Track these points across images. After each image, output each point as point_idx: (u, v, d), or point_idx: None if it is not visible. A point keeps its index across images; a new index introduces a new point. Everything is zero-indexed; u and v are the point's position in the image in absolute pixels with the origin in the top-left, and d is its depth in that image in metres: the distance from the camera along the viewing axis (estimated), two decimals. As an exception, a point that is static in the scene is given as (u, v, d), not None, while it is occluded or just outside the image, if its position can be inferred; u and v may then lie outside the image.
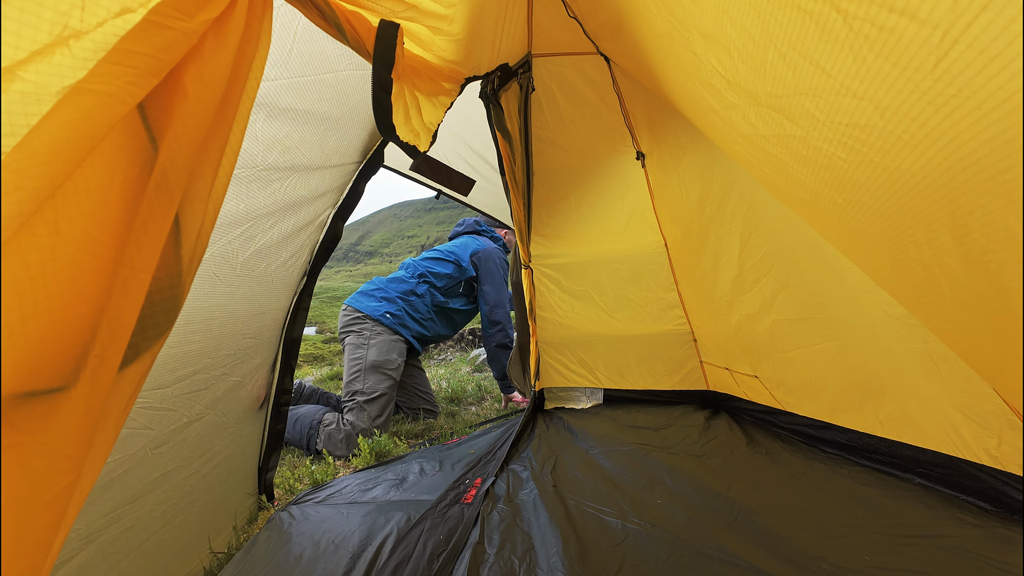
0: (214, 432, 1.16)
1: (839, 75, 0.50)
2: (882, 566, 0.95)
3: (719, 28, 0.66)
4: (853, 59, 0.47)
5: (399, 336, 2.27)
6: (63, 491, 0.38)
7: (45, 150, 0.33)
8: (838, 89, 0.51)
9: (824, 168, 0.63)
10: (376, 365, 2.14)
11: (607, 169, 1.90)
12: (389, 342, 2.22)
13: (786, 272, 1.37)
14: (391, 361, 2.18)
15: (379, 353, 2.17)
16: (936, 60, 0.40)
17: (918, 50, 0.41)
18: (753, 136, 0.76)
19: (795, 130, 0.63)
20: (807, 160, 0.65)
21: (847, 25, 0.45)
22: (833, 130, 0.56)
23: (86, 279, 0.38)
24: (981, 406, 1.02)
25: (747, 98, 0.70)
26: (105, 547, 0.87)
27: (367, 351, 2.16)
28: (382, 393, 2.09)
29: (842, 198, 0.64)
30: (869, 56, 0.45)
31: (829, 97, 0.53)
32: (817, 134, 0.59)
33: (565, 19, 1.46)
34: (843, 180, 0.61)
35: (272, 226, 1.12)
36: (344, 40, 0.67)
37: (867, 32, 0.44)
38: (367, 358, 2.15)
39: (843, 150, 0.57)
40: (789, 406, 1.59)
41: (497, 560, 1.06)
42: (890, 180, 0.53)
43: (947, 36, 0.38)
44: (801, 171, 0.69)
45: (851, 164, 0.57)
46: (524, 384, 2.58)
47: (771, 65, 0.59)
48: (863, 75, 0.47)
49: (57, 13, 0.34)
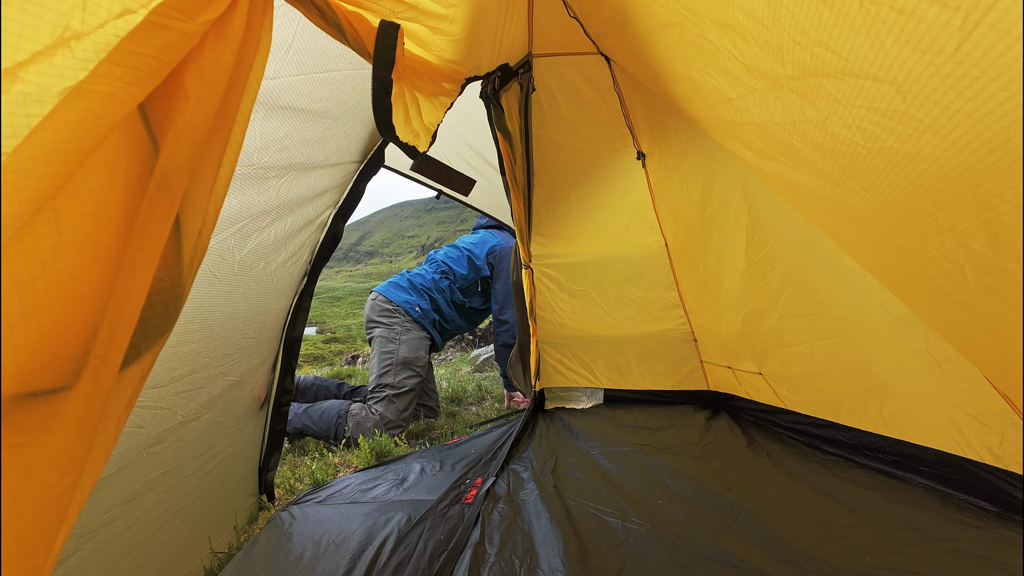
0: (213, 432, 1.16)
1: (856, 60, 0.50)
2: (883, 567, 0.95)
3: (731, 17, 0.66)
4: (871, 45, 0.47)
5: (426, 333, 2.34)
6: (64, 491, 0.38)
7: (46, 151, 0.33)
8: (858, 72, 0.51)
9: (841, 155, 0.62)
10: (407, 361, 2.21)
11: (608, 169, 1.90)
12: (419, 339, 2.29)
13: (790, 269, 1.37)
14: (420, 358, 2.26)
15: (410, 350, 2.24)
16: (959, 42, 0.40)
17: (939, 32, 0.40)
18: (768, 124, 0.75)
19: (814, 114, 0.62)
20: (823, 147, 0.65)
21: (863, 10, 0.45)
22: (853, 114, 0.55)
23: (87, 279, 0.38)
24: (983, 405, 1.02)
25: (767, 81, 0.69)
26: (104, 546, 0.87)
27: (399, 347, 2.24)
28: (410, 388, 2.17)
29: (860, 185, 0.64)
30: (887, 40, 0.45)
31: (850, 79, 0.53)
32: (836, 119, 0.58)
33: (565, 19, 1.46)
34: (860, 167, 0.61)
35: (268, 225, 1.12)
36: (344, 41, 0.67)
37: (884, 16, 0.44)
38: (398, 353, 2.22)
39: (861, 136, 0.56)
40: (792, 403, 1.59)
41: (498, 560, 1.06)
42: (910, 167, 0.53)
43: (969, 18, 0.38)
44: (817, 159, 0.69)
45: (869, 151, 0.57)
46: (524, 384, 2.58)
47: (787, 51, 0.59)
48: (881, 60, 0.47)
49: (58, 14, 0.34)
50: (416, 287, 2.43)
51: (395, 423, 2.07)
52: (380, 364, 2.21)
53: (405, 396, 2.14)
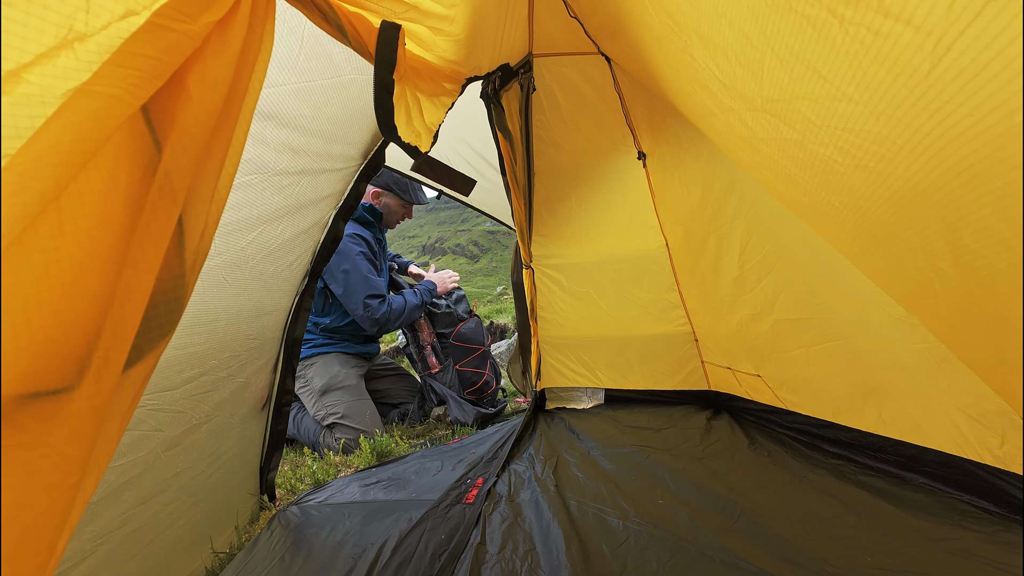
0: (221, 433, 1.16)
1: (835, 79, 0.50)
2: (884, 567, 0.95)
3: (717, 31, 0.66)
4: (849, 64, 0.47)
5: (326, 353, 2.22)
6: (67, 492, 0.38)
7: (50, 152, 0.33)
8: (834, 94, 0.51)
9: (821, 172, 0.63)
10: (324, 389, 2.16)
11: (608, 169, 1.90)
12: (323, 362, 2.19)
13: (787, 272, 1.37)
14: (336, 375, 2.19)
15: (320, 377, 2.18)
16: (930, 66, 0.40)
17: (912, 55, 0.41)
18: (751, 139, 0.76)
19: (792, 134, 0.63)
20: (804, 163, 0.65)
21: (843, 30, 0.46)
22: (829, 134, 0.56)
23: (90, 280, 0.38)
24: (984, 406, 1.02)
25: (744, 102, 0.70)
26: (115, 548, 0.88)
27: (310, 380, 2.19)
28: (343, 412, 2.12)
29: (840, 202, 0.65)
30: (865, 61, 0.45)
31: (825, 102, 0.53)
32: (814, 138, 0.59)
33: (566, 19, 1.46)
34: (840, 184, 0.61)
35: (284, 230, 1.14)
36: (346, 41, 0.68)
37: (863, 37, 0.44)
38: (313, 386, 2.18)
39: (840, 154, 0.57)
40: (792, 405, 1.59)
41: (499, 560, 1.06)
42: (885, 184, 0.53)
43: (941, 42, 0.38)
44: (799, 174, 0.69)
45: (848, 168, 0.57)
46: (525, 384, 2.58)
47: (768, 69, 0.59)
48: (859, 80, 0.47)
49: (62, 16, 0.34)
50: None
51: (354, 439, 2.00)
52: (307, 404, 2.16)
53: (344, 417, 2.08)
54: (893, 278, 0.69)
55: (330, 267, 2.12)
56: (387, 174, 2.27)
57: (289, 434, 2.11)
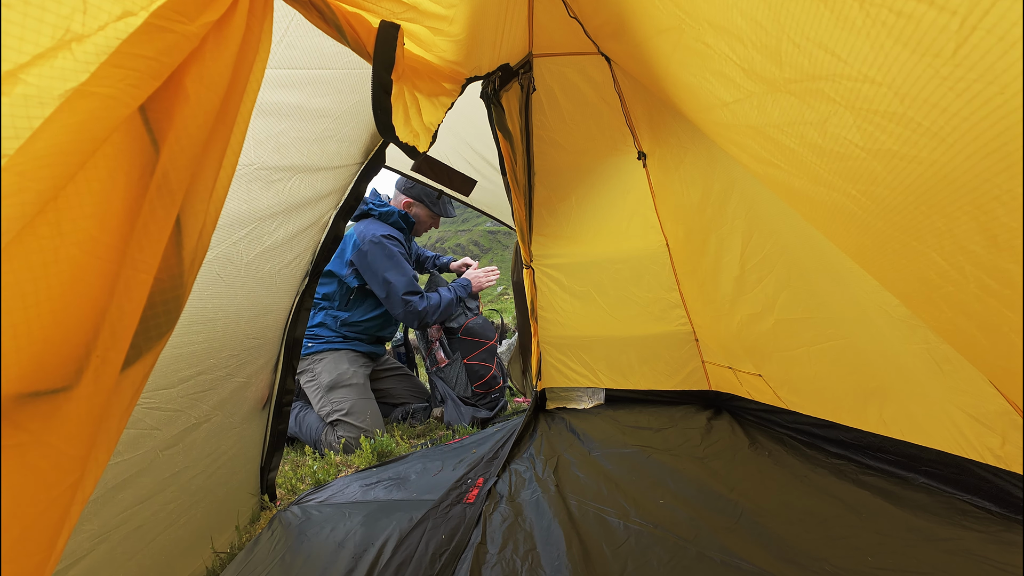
0: (221, 433, 1.16)
1: (856, 62, 0.50)
2: (885, 567, 0.95)
3: (729, 20, 0.66)
4: (871, 46, 0.47)
5: (340, 349, 2.26)
6: (66, 491, 0.38)
7: (48, 152, 0.33)
8: (856, 75, 0.51)
9: (838, 158, 0.62)
10: (332, 385, 2.18)
11: (608, 169, 1.89)
12: (333, 359, 2.22)
13: (788, 272, 1.36)
14: (344, 372, 2.21)
15: (329, 373, 2.20)
16: (956, 46, 0.40)
17: (937, 36, 0.41)
18: (764, 127, 0.75)
19: (812, 115, 0.62)
20: (821, 149, 0.65)
21: (863, 11, 0.45)
22: (853, 114, 0.55)
23: (88, 280, 0.38)
24: (984, 407, 1.02)
25: (765, 85, 0.69)
26: (115, 547, 0.88)
27: (318, 375, 2.22)
28: (349, 409, 2.14)
29: (856, 190, 0.64)
30: (887, 43, 0.45)
31: (847, 82, 0.53)
32: (836, 119, 0.58)
33: (566, 19, 1.46)
34: (858, 171, 0.61)
35: (278, 228, 1.13)
36: (344, 41, 0.68)
37: (884, 18, 0.44)
38: (320, 381, 2.20)
39: (860, 136, 0.56)
40: (793, 405, 1.58)
41: (499, 560, 1.06)
42: (907, 169, 0.53)
43: (966, 22, 0.38)
44: (814, 162, 0.69)
45: (868, 153, 0.57)
46: (525, 384, 2.58)
47: (786, 54, 0.59)
48: (880, 62, 0.47)
49: (59, 17, 0.34)
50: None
51: (356, 437, 2.03)
52: (312, 399, 2.17)
53: (349, 414, 2.10)
54: (908, 268, 0.68)
55: (371, 265, 2.19)
56: (419, 187, 2.34)
57: (291, 432, 2.11)
